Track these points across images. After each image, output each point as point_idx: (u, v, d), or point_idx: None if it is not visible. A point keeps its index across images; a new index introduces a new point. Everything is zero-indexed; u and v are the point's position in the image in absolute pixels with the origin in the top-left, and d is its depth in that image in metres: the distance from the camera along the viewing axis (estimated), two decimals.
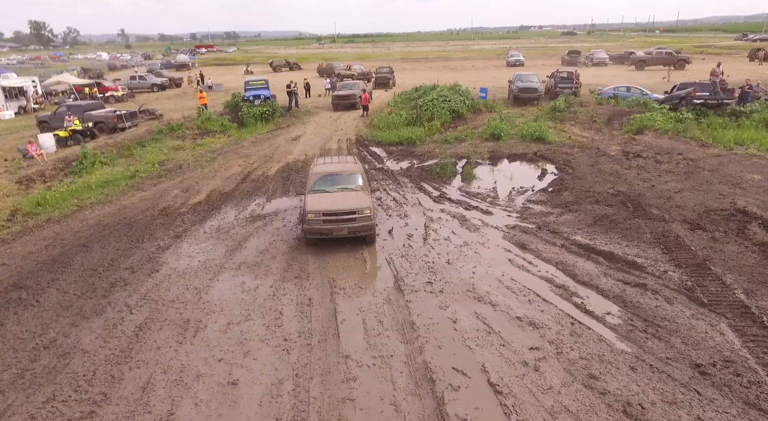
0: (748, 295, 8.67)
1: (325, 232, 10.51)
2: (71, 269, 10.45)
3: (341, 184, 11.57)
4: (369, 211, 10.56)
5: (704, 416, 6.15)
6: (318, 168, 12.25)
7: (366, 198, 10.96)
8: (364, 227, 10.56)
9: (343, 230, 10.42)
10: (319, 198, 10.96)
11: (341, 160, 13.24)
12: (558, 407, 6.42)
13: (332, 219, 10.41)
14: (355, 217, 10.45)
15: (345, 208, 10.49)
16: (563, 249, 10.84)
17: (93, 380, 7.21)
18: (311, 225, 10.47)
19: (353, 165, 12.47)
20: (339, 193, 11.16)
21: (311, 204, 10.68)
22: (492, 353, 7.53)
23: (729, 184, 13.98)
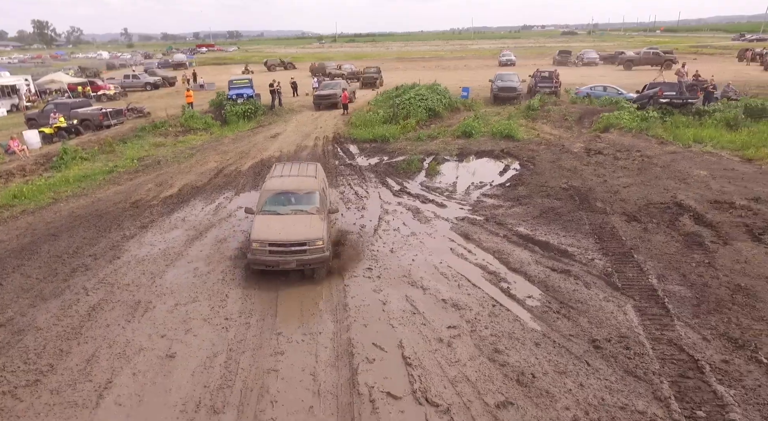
0: (659, 280, 9.28)
1: (271, 264, 9.37)
2: (37, 256, 11.12)
3: (295, 204, 10.43)
4: (322, 242, 9.38)
5: (586, 383, 6.77)
6: (271, 183, 11.09)
7: (320, 225, 9.74)
8: (315, 260, 9.38)
9: (291, 263, 9.29)
10: (267, 222, 9.82)
11: (301, 171, 11.75)
12: (460, 377, 7.06)
13: (279, 250, 9.29)
14: (306, 249, 9.29)
15: (294, 238, 9.31)
16: (504, 239, 11.46)
17: (42, 354, 7.86)
18: (256, 255, 9.38)
19: (311, 181, 11.11)
20: (291, 218, 10.01)
21: (257, 230, 9.59)
22: (412, 331, 8.16)
23: (675, 180, 14.57)
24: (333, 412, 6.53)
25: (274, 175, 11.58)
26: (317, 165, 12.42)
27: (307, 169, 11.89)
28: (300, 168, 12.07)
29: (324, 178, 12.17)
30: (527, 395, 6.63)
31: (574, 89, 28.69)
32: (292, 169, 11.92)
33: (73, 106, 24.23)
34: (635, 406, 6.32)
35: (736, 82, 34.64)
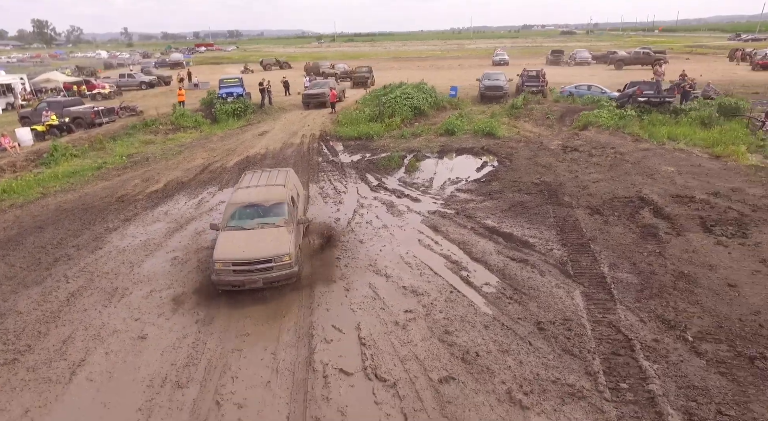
0: (610, 268, 9.79)
1: (236, 284, 8.92)
2: (23, 247, 11.63)
3: (262, 218, 9.97)
4: (289, 257, 8.95)
5: (525, 360, 7.28)
6: (237, 196, 10.60)
7: (287, 239, 9.27)
8: (282, 277, 8.97)
9: (257, 282, 8.87)
10: (232, 239, 9.37)
11: (270, 180, 11.21)
12: (409, 356, 7.57)
13: (244, 269, 8.86)
14: (272, 266, 8.87)
15: (259, 255, 8.89)
16: (471, 231, 11.96)
17: (21, 335, 8.38)
18: (219, 276, 8.93)
19: (280, 190, 10.56)
20: (257, 233, 9.53)
21: (220, 249, 9.12)
22: (370, 315, 8.67)
23: (643, 175, 15.07)
24: (288, 387, 7.04)
25: (241, 187, 11.07)
26: (288, 172, 11.90)
27: (276, 178, 11.30)
28: (269, 176, 11.50)
29: (296, 185, 11.72)
30: (469, 372, 7.14)
31: (560, 88, 29.11)
32: (261, 179, 11.37)
33: (65, 104, 24.74)
34: (566, 380, 6.83)
35: (723, 82, 35.23)
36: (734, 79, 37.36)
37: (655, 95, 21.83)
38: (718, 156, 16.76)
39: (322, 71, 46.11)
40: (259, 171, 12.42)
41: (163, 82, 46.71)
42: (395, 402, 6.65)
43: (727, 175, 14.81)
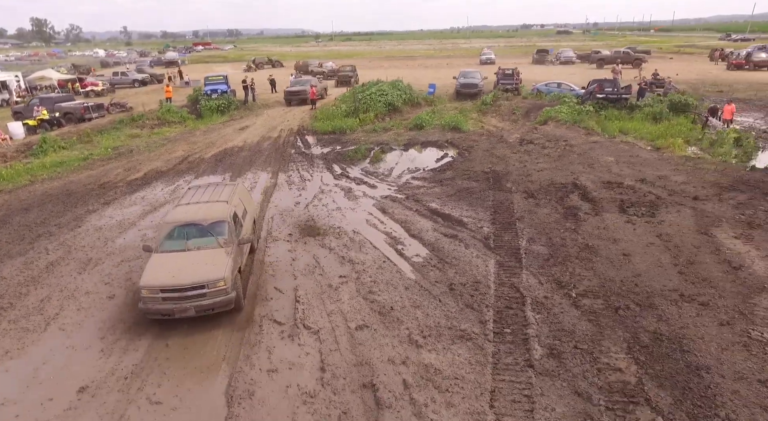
0: (527, 242, 11.10)
1: (165, 312, 8.14)
2: (9, 225, 12.94)
3: (199, 238, 9.10)
4: (224, 283, 8.18)
5: (432, 313, 8.60)
6: (173, 214, 9.67)
7: (224, 262, 8.50)
8: (217, 304, 8.20)
9: (189, 310, 8.10)
10: (163, 263, 8.53)
11: (213, 196, 10.22)
12: (335, 310, 8.88)
13: (174, 296, 8.08)
14: (205, 292, 8.12)
15: (190, 281, 8.11)
16: (415, 213, 13.27)
17: (4, 296, 9.68)
18: (147, 304, 8.13)
19: (221, 208, 9.62)
20: (191, 255, 8.74)
21: (147, 275, 8.31)
22: (308, 280, 9.98)
23: (584, 165, 16.39)
24: (228, 332, 8.35)
25: (180, 204, 10.10)
26: (236, 186, 11.05)
27: (221, 194, 10.33)
28: (213, 192, 10.49)
29: (244, 200, 10.89)
30: (382, 322, 8.45)
31: (532, 86, 30.41)
32: (203, 194, 10.37)
33: (56, 100, 26.00)
34: (460, 327, 8.15)
35: (695, 81, 36.60)
36: (707, 78, 38.75)
37: (613, 92, 23.13)
38: (659, 148, 18.09)
39: (311, 70, 47.38)
40: (204, 186, 11.16)
41: (156, 80, 47.96)
42: (316, 344, 7.96)
43: (659, 164, 16.13)
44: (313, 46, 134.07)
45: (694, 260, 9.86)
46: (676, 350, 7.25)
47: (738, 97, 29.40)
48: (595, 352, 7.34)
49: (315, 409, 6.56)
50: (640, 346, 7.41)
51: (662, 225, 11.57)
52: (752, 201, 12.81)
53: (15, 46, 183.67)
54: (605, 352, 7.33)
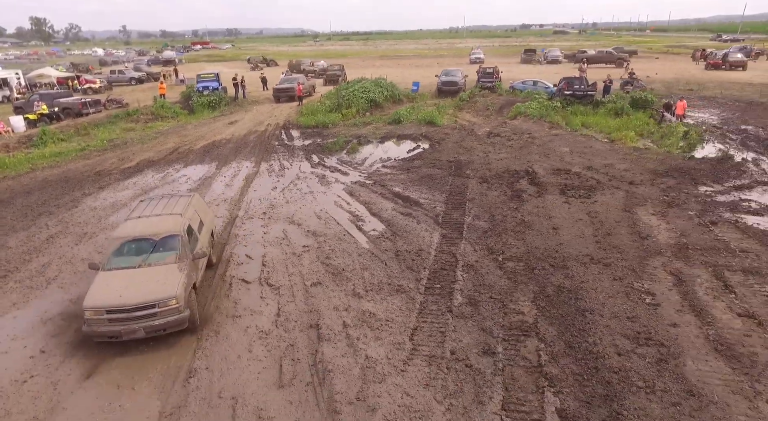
0: (473, 218, 12.58)
1: (112, 334, 7.64)
2: (12, 206, 14.40)
3: (150, 254, 8.64)
4: (176, 301, 7.73)
5: (376, 274, 10.05)
6: (123, 229, 9.20)
7: (176, 279, 8.05)
8: (169, 324, 7.74)
9: (137, 331, 7.66)
10: (109, 282, 8.07)
11: (166, 208, 9.76)
12: (295, 272, 10.34)
13: (121, 317, 7.59)
14: (156, 312, 7.67)
15: (139, 301, 7.65)
16: (379, 195, 14.73)
17: (11, 261, 11.14)
18: (91, 326, 7.62)
19: (174, 221, 9.19)
20: (141, 272, 8.28)
21: (92, 295, 7.81)
22: (276, 248, 11.45)
23: (541, 155, 17.87)
24: (205, 290, 9.82)
25: (130, 217, 9.64)
26: (192, 197, 10.53)
27: (174, 206, 9.86)
28: (167, 204, 9.99)
29: (200, 211, 10.44)
30: (333, 280, 9.92)
31: (509, 84, 31.89)
32: (156, 207, 9.90)
33: (56, 96, 27.47)
34: (398, 283, 9.63)
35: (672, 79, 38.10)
36: (683, 78, 40.25)
37: (579, 89, 24.62)
38: (613, 140, 19.58)
39: (303, 68, 48.85)
40: (157, 198, 10.60)
41: (152, 79, 49.36)
42: (275, 297, 9.43)
43: (609, 154, 17.64)
44: (310, 46, 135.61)
45: (611, 232, 11.36)
46: (572, 298, 8.74)
47: (705, 94, 31.03)
48: (505, 301, 8.83)
49: (268, 342, 8.03)
50: (544, 296, 8.90)
51: (594, 205, 13.07)
52: (679, 185, 14.33)
53: (14, 45, 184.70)
54: (514, 301, 8.82)
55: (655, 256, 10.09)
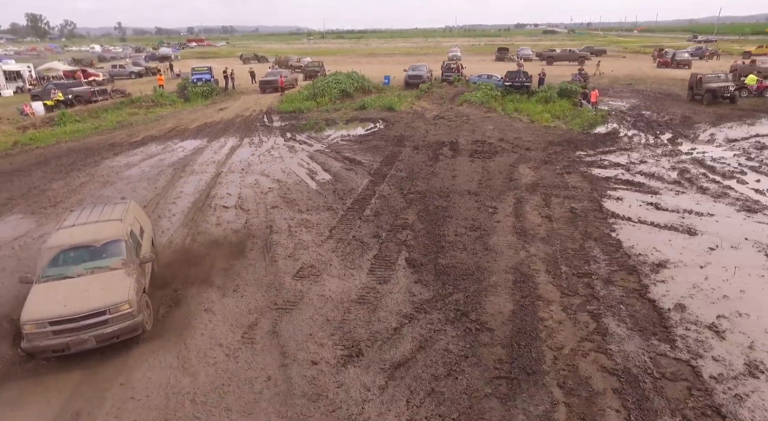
0: (395, 170, 16.96)
1: (58, 348, 7.16)
2: (49, 166, 18.69)
3: (91, 262, 8.18)
4: (129, 305, 7.41)
5: (315, 200, 14.40)
6: (56, 238, 8.57)
7: (126, 283, 7.73)
8: (122, 331, 7.39)
9: (88, 342, 7.23)
10: (48, 293, 7.55)
11: (102, 215, 9.27)
12: (261, 202, 14.66)
13: (67, 328, 7.15)
14: (107, 319, 7.30)
15: (86, 308, 7.25)
16: (333, 158, 19.08)
17: (57, 197, 15.41)
18: (32, 342, 7.09)
19: (114, 226, 8.79)
20: (84, 280, 7.83)
21: (30, 307, 7.30)
22: (248, 190, 15.78)
23: (469, 131, 22.28)
24: (196, 211, 14.16)
25: (63, 226, 9.02)
26: (128, 204, 10.16)
27: (111, 213, 9.43)
28: (102, 212, 9.52)
29: (139, 217, 10.10)
30: (287, 205, 14.23)
31: (466, 77, 36.31)
32: (91, 215, 9.39)
33: (68, 86, 31.66)
34: (330, 205, 13.95)
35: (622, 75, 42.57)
36: (634, 74, 44.77)
37: (517, 81, 29.10)
38: (533, 121, 24.04)
39: (290, 64, 53.14)
40: (89, 207, 10.09)
41: (150, 73, 53.53)
42: (245, 215, 13.71)
43: (523, 130, 22.09)
44: (303, 44, 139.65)
45: (492, 178, 15.80)
46: (442, 211, 13.14)
47: (638, 88, 35.62)
48: (398, 214, 13.22)
49: (237, 232, 12.39)
50: (425, 211, 13.30)
51: (491, 163, 17.51)
52: (564, 151, 18.80)
53: (10, 41, 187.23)
54: (404, 214, 13.21)
55: (513, 190, 14.54)
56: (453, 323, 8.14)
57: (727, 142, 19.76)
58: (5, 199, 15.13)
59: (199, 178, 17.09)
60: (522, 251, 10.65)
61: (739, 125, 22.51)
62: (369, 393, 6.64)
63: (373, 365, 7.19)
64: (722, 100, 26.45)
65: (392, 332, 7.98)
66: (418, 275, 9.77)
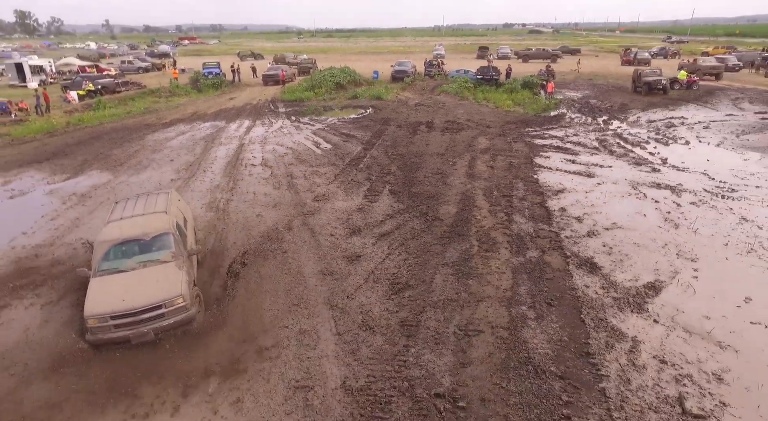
0: (381, 140, 21.75)
1: (119, 340, 7.51)
2: (102, 140, 23.18)
3: (142, 255, 8.53)
4: (183, 299, 7.68)
5: (322, 160, 19.19)
6: (108, 231, 8.94)
7: (178, 277, 7.99)
8: (178, 324, 7.71)
9: (147, 335, 7.53)
10: (105, 287, 7.91)
11: (147, 207, 9.63)
12: (280, 161, 19.37)
13: (127, 322, 7.47)
14: (163, 312, 7.58)
15: (144, 303, 7.55)
16: (331, 134, 23.79)
17: (119, 160, 19.97)
18: (96, 335, 7.46)
19: (161, 219, 9.10)
20: (138, 274, 8.16)
21: (93, 302, 7.62)
22: (269, 154, 20.41)
23: (443, 114, 27.13)
24: (231, 167, 18.83)
25: (111, 219, 9.41)
26: (170, 194, 10.38)
27: (156, 204, 9.75)
28: (147, 203, 9.86)
29: (182, 208, 10.44)
30: (301, 163, 18.92)
31: (446, 72, 41.19)
32: (136, 207, 9.75)
33: (95, 78, 35.99)
34: (332, 162, 18.72)
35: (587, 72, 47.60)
36: (599, 71, 49.84)
37: (488, 75, 34.06)
38: (497, 106, 28.97)
39: (287, 61, 57.70)
40: (134, 198, 10.47)
41: (156, 68, 57.76)
42: (270, 169, 18.37)
43: (488, 114, 27.00)
44: (294, 42, 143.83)
45: (456, 145, 20.64)
46: (416, 164, 17.91)
47: (595, 82, 40.71)
48: (384, 167, 17.98)
49: (266, 181, 17.07)
50: (404, 164, 18.08)
51: (457, 135, 22.36)
52: (517, 128, 23.72)
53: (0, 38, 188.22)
54: (388, 167, 17.96)
55: (470, 152, 19.40)
56: (417, 218, 12.95)
57: (648, 122, 24.85)
58: (82, 161, 19.67)
59: (227, 147, 21.72)
60: (468, 185, 15.52)
61: (663, 110, 27.64)
62: (365, 245, 11.44)
63: (367, 235, 11.98)
64: (657, 91, 31.59)
65: (379, 222, 12.77)
66: (397, 198, 14.57)
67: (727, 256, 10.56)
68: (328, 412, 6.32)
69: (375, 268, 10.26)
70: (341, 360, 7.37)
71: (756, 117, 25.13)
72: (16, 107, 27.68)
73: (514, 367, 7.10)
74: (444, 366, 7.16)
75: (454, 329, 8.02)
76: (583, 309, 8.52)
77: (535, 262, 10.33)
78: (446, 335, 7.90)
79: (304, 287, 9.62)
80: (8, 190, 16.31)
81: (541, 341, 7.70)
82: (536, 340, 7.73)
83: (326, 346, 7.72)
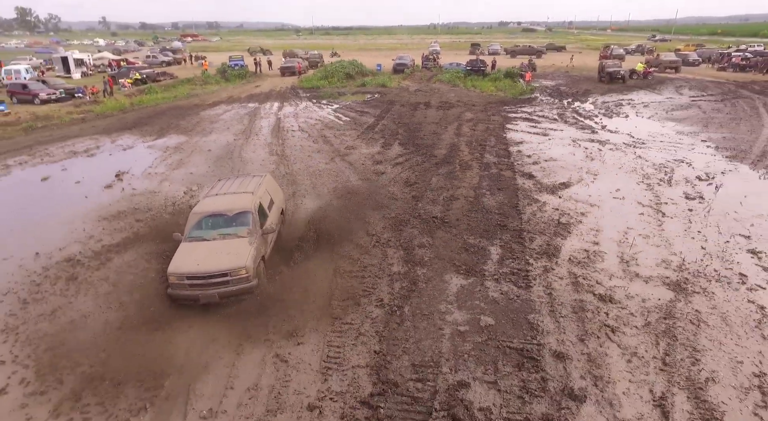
0: (389, 114, 27.82)
1: (191, 298, 8.58)
2: (165, 116, 29.04)
3: (224, 228, 9.64)
4: (245, 271, 8.58)
5: (346, 130, 25.21)
6: (201, 205, 10.25)
7: (246, 251, 8.92)
8: (239, 291, 8.62)
9: (213, 296, 8.52)
10: (190, 251, 9.09)
11: (240, 187, 10.86)
12: (314, 128, 25.38)
13: (199, 283, 8.52)
14: (228, 280, 8.53)
15: (214, 269, 8.55)
16: (349, 111, 29.74)
17: (188, 128, 25.86)
18: (175, 290, 8.66)
19: (246, 199, 10.15)
20: (216, 244, 9.23)
21: (175, 262, 8.83)
22: (303, 123, 26.37)
23: (438, 97, 33.18)
24: (276, 132, 24.82)
25: (208, 195, 10.77)
26: (264, 177, 11.64)
27: (248, 185, 10.98)
28: (242, 183, 11.15)
29: (271, 190, 11.48)
30: (329, 129, 24.83)
31: (440, 65, 47.27)
32: (232, 186, 11.05)
33: (138, 69, 41.85)
34: (353, 129, 24.79)
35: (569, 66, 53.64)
36: (578, 65, 55.97)
37: (476, 67, 40.17)
38: (483, 91, 35.09)
39: (299, 56, 63.66)
40: (233, 177, 12.00)
41: (177, 62, 63.57)
42: (306, 133, 24.39)
43: (474, 97, 33.09)
44: (294, 40, 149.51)
45: (447, 118, 26.70)
46: (417, 130, 23.91)
47: (571, 74, 46.88)
48: (394, 131, 23.97)
49: (307, 139, 23.05)
50: (407, 129, 24.08)
51: (448, 111, 28.45)
52: (496, 106, 29.81)
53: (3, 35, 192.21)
54: (396, 130, 24.01)
55: (458, 122, 25.46)
56: (419, 156, 18.97)
57: (602, 103, 31.00)
58: (159, 128, 25.59)
59: (268, 120, 27.68)
60: (455, 139, 21.59)
61: (618, 95, 33.80)
62: (386, 168, 17.49)
63: (387, 164, 17.98)
64: (617, 80, 37.77)
65: (393, 158, 18.79)
66: (404, 147, 20.59)
67: (617, 173, 16.68)
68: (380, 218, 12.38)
69: (394, 177, 16.31)
70: (378, 213, 13.42)
71: (688, 99, 31.34)
72: (90, 91, 33.53)
73: (474, 210, 13.18)
74: (437, 210, 13.22)
75: (442, 198, 14.11)
76: (519, 192, 14.61)
77: (494, 174, 16.42)
78: (438, 200, 13.98)
79: (352, 185, 15.69)
80: (119, 145, 22.21)
81: (491, 201, 13.79)
82: (489, 202, 13.79)
83: (366, 203, 13.84)
